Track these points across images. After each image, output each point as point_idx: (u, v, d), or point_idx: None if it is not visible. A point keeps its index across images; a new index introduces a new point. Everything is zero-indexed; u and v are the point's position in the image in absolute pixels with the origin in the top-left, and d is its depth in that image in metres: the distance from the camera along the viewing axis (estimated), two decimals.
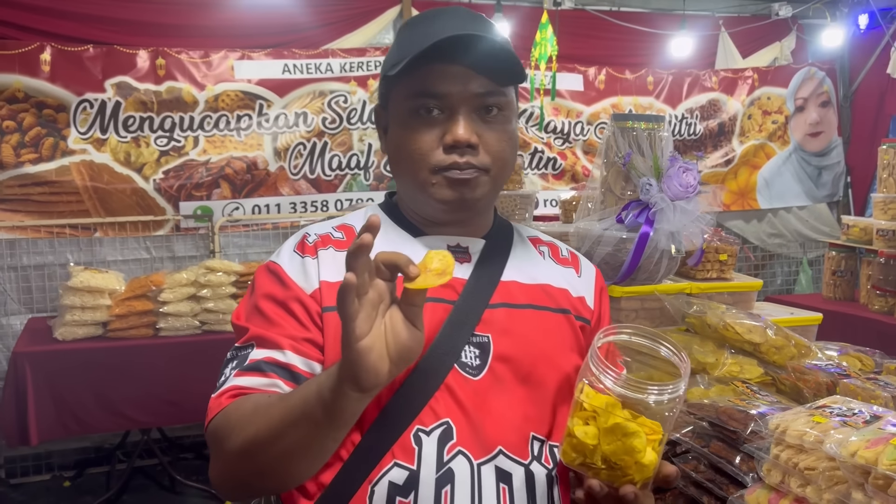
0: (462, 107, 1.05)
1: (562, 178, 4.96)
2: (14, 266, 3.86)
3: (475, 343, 1.07)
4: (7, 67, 3.72)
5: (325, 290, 1.07)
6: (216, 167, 4.14)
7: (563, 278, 1.19)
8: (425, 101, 1.05)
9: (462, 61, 1.04)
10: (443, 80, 1.05)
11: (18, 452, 3.81)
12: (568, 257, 1.24)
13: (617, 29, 4.96)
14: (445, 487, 1.00)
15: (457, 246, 1.13)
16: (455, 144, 1.04)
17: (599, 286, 1.24)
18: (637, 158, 1.97)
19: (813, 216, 5.55)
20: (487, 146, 1.07)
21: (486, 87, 1.06)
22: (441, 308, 1.07)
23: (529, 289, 1.14)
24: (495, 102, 1.07)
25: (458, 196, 1.07)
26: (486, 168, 1.07)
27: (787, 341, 1.88)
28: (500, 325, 1.09)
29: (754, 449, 1.33)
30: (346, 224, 1.17)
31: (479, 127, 1.06)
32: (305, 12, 4.28)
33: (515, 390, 1.07)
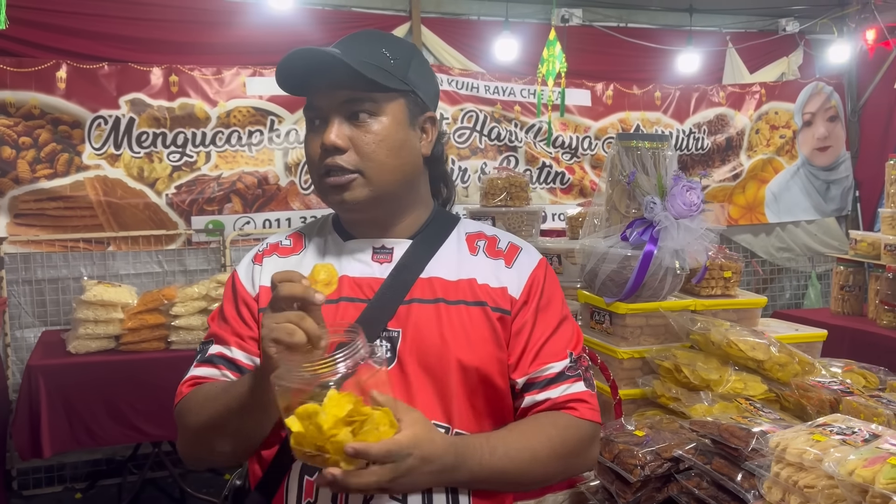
0: (333, 115, 1.17)
1: (570, 193, 4.99)
2: (28, 280, 3.91)
3: (386, 337, 1.17)
4: (24, 84, 3.79)
5: (262, 294, 1.25)
6: (228, 182, 4.19)
7: (490, 271, 1.25)
8: (309, 114, 1.21)
9: (326, 76, 1.16)
10: (315, 93, 1.19)
11: (31, 464, 3.85)
12: (503, 249, 1.29)
13: (624, 45, 5.00)
14: None
15: (381, 248, 1.24)
16: (324, 148, 1.17)
17: (533, 281, 1.26)
18: (641, 177, 2.00)
19: (821, 230, 5.55)
20: (358, 148, 1.17)
21: (351, 95, 1.17)
22: (353, 307, 1.19)
23: (449, 284, 1.22)
24: (362, 108, 1.17)
25: (339, 199, 1.19)
26: (357, 169, 1.17)
27: (790, 358, 1.89)
28: (411, 320, 1.18)
29: (755, 466, 1.35)
30: (299, 232, 1.34)
31: (350, 131, 1.17)
32: (316, 29, 4.34)
33: (420, 382, 1.16)
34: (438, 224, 1.29)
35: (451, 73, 4.61)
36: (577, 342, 1.29)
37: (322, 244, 1.29)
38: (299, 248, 1.30)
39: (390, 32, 1.35)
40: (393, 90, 1.18)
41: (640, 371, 2.08)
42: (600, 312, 2.17)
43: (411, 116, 1.22)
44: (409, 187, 1.25)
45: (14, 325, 3.91)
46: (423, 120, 1.25)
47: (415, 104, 1.23)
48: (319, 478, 0.97)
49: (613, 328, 2.11)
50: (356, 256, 1.24)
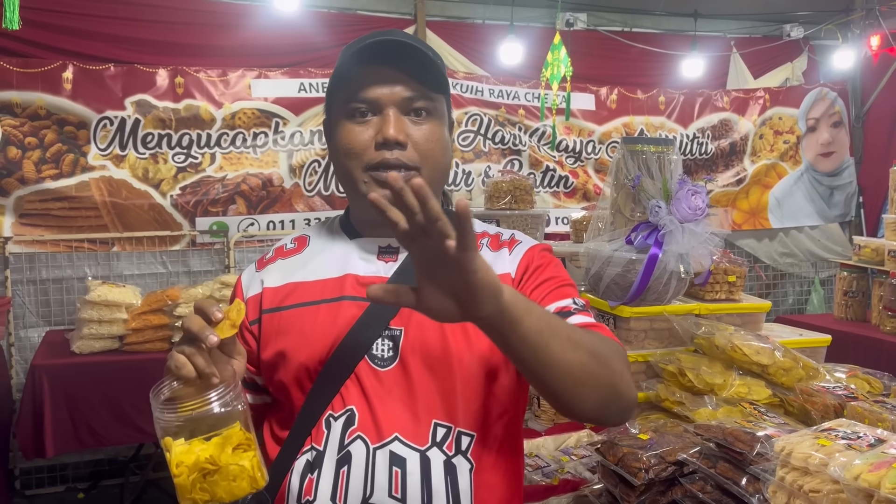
0: (391, 108, 1.14)
1: (573, 197, 4.99)
2: (33, 279, 3.92)
3: (388, 336, 1.15)
4: (30, 85, 3.80)
5: (266, 295, 1.23)
6: (232, 183, 4.20)
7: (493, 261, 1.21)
8: (358, 105, 1.15)
9: (391, 65, 1.13)
10: (373, 83, 1.14)
11: (34, 464, 3.85)
12: (507, 240, 1.27)
13: (629, 49, 5.01)
14: (343, 468, 1.10)
15: (388, 246, 1.22)
16: (385, 142, 1.12)
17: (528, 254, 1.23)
18: (646, 181, 2.00)
19: (825, 236, 5.55)
20: (417, 145, 1.14)
21: (413, 90, 1.14)
22: (357, 305, 1.17)
23: None
24: (423, 106, 1.15)
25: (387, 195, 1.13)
26: (416, 166, 1.14)
27: (795, 363, 1.90)
28: (416, 318, 1.15)
29: (760, 471, 1.35)
30: (304, 235, 1.31)
31: (408, 128, 1.14)
32: (321, 32, 4.35)
33: (422, 380, 1.14)
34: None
35: (456, 77, 4.62)
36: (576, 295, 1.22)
37: (327, 244, 1.27)
38: (303, 247, 1.29)
39: None
40: (441, 92, 1.19)
41: (644, 375, 2.08)
42: (604, 316, 2.17)
43: (448, 118, 1.24)
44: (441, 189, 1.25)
45: (18, 325, 3.91)
46: (451, 122, 1.27)
47: (448, 107, 1.24)
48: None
49: (618, 332, 2.12)
50: (362, 255, 1.22)
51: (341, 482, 1.10)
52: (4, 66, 3.75)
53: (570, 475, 1.87)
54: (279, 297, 1.22)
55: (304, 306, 1.20)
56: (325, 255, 1.25)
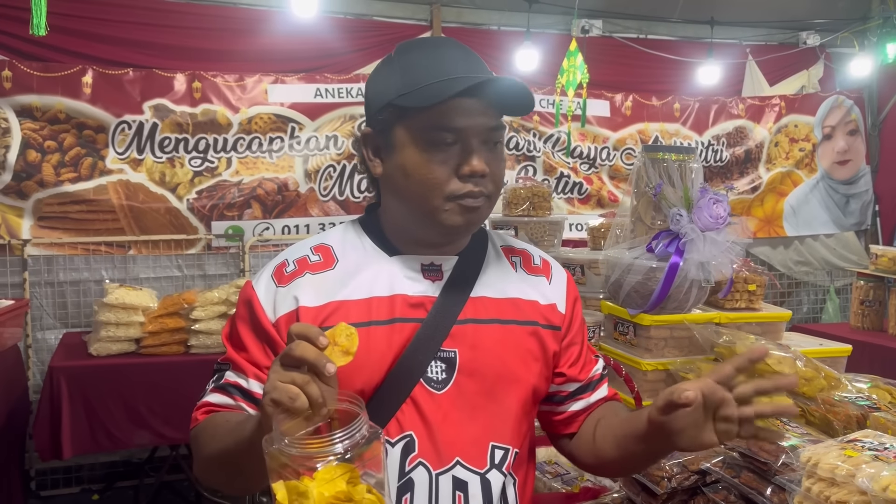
0: (475, 139, 1.12)
1: (587, 203, 4.99)
2: (51, 282, 3.95)
3: (442, 358, 1.14)
4: (50, 89, 3.84)
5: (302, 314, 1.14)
6: (248, 188, 4.22)
7: (534, 289, 1.26)
8: (443, 135, 1.11)
9: (484, 98, 1.11)
10: (462, 114, 1.11)
11: (49, 465, 3.88)
12: (540, 265, 1.30)
13: (644, 56, 5.00)
14: (406, 495, 1.10)
15: (430, 265, 1.19)
16: (472, 174, 1.11)
17: (572, 294, 1.31)
18: (667, 189, 2.00)
19: (840, 244, 5.52)
20: (493, 175, 1.15)
21: (496, 121, 1.14)
22: (409, 327, 1.14)
23: (498, 303, 1.20)
24: (500, 136, 1.16)
25: (467, 222, 1.14)
26: (491, 194, 1.16)
27: (816, 373, 1.89)
28: (468, 340, 1.15)
29: (786, 481, 1.34)
30: (324, 244, 1.22)
31: (487, 157, 1.13)
32: (338, 38, 4.37)
33: (478, 403, 1.15)
34: (476, 239, 1.27)
35: None
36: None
37: (363, 259, 1.19)
38: (331, 261, 1.20)
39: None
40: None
41: (664, 383, 2.07)
42: (624, 324, 2.17)
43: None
44: None
45: (36, 327, 3.94)
46: None
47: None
48: None
49: (638, 340, 2.11)
50: (407, 274, 1.18)
51: None
52: (25, 71, 3.79)
53: (591, 483, 1.87)
54: (322, 317, 1.14)
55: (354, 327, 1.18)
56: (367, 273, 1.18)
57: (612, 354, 2.15)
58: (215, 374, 1.19)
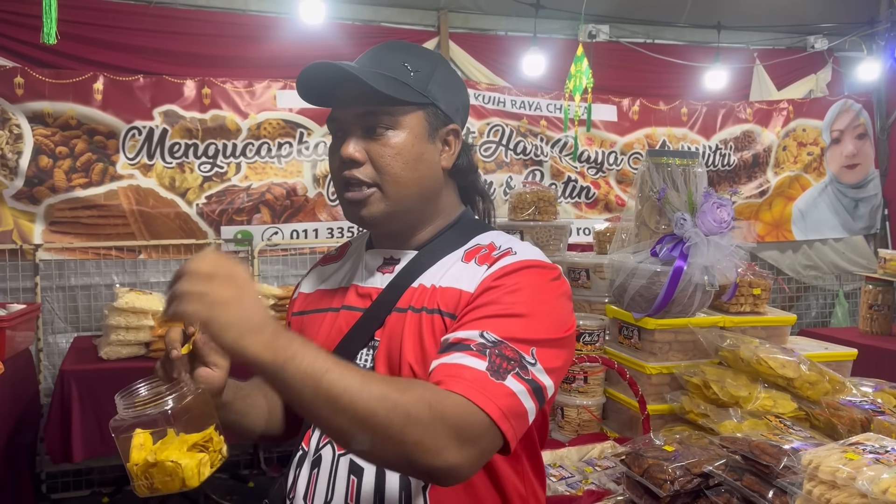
0: (351, 127, 1.18)
1: (595, 207, 5.00)
2: (62, 286, 3.99)
3: (371, 346, 1.20)
4: (62, 96, 3.88)
5: (298, 299, 1.35)
6: (257, 193, 4.25)
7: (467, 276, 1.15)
8: (331, 126, 1.23)
9: (345, 89, 1.18)
10: (337, 105, 1.21)
11: (60, 468, 3.90)
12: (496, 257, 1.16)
13: (651, 61, 5.01)
14: (315, 469, 1.18)
15: (390, 258, 1.26)
16: (341, 161, 1.18)
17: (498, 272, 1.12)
18: (671, 193, 2.01)
19: (849, 248, 5.50)
20: (374, 161, 1.17)
21: (367, 109, 1.17)
22: (352, 315, 1.23)
23: (426, 292, 1.18)
24: (379, 122, 1.17)
25: (357, 215, 1.20)
26: (375, 182, 1.17)
27: (821, 377, 1.89)
28: (388, 329, 1.19)
29: (787, 484, 1.35)
30: (349, 242, 1.40)
31: (367, 144, 1.18)
32: (345, 44, 4.40)
33: None
34: (455, 235, 1.24)
35: (478, 88, 4.65)
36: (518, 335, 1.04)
37: (353, 253, 1.35)
38: (341, 256, 1.37)
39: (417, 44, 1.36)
40: (410, 103, 1.17)
41: (669, 387, 2.08)
42: (629, 328, 2.18)
43: (430, 129, 1.20)
44: (426, 201, 1.23)
45: (47, 331, 3.98)
46: (445, 132, 1.22)
47: (435, 117, 1.21)
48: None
49: (642, 343, 2.12)
50: (368, 266, 1.27)
51: (312, 483, 1.18)
52: (37, 77, 3.84)
53: (595, 486, 1.88)
54: (307, 302, 1.33)
55: (315, 313, 1.30)
56: (346, 266, 1.34)
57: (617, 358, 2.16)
58: None
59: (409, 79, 1.18)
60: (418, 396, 0.94)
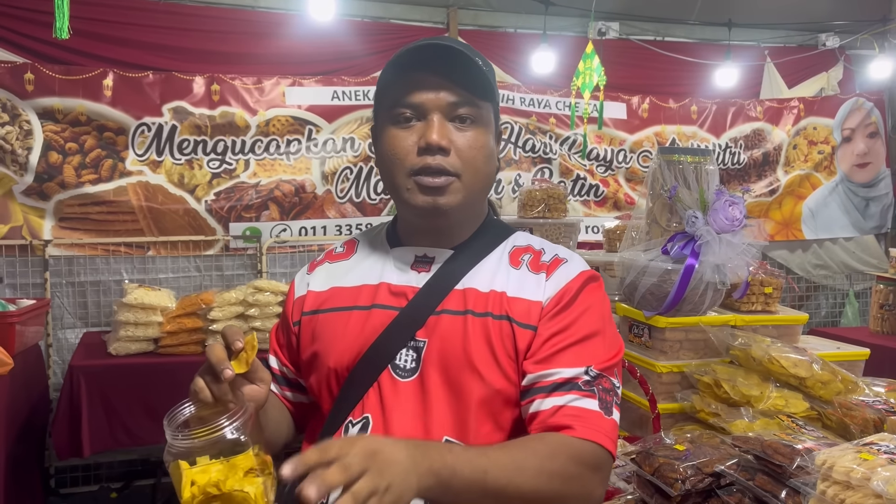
0: (435, 113, 1.13)
1: (604, 206, 4.98)
2: (72, 282, 4.00)
3: (413, 347, 1.15)
4: (72, 92, 3.89)
5: (308, 298, 1.28)
6: (266, 190, 4.25)
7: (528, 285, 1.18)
8: (402, 110, 1.14)
9: (436, 72, 1.12)
10: (418, 88, 1.13)
11: (68, 463, 3.92)
12: (548, 262, 1.21)
13: (661, 58, 4.99)
14: None
15: (423, 256, 1.22)
16: (428, 147, 1.12)
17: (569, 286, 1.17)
18: (683, 191, 2.00)
19: (860, 248, 5.46)
20: (459, 151, 1.14)
21: (458, 96, 1.14)
22: (386, 314, 1.18)
23: (479, 296, 1.17)
24: (468, 113, 1.15)
25: (432, 201, 1.14)
26: (458, 173, 1.14)
27: (833, 376, 1.88)
28: (439, 331, 1.15)
29: (801, 484, 1.34)
30: (354, 239, 1.35)
31: (451, 134, 1.14)
32: (355, 41, 4.40)
33: (440, 395, 1.13)
34: (488, 236, 1.25)
35: None
36: (606, 361, 1.15)
37: (370, 250, 1.29)
38: (350, 253, 1.32)
39: None
40: (488, 100, 1.18)
41: (679, 385, 2.07)
42: (639, 326, 2.17)
43: (495, 127, 1.22)
44: (484, 198, 1.26)
45: (56, 326, 3.99)
46: (498, 132, 1.26)
47: (496, 115, 1.23)
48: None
49: (653, 342, 2.11)
50: (397, 264, 1.23)
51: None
52: (47, 74, 3.85)
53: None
54: (320, 301, 1.27)
55: (337, 311, 1.23)
56: (367, 263, 1.27)
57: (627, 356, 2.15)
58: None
59: (487, 71, 1.18)
60: (565, 457, 1.04)
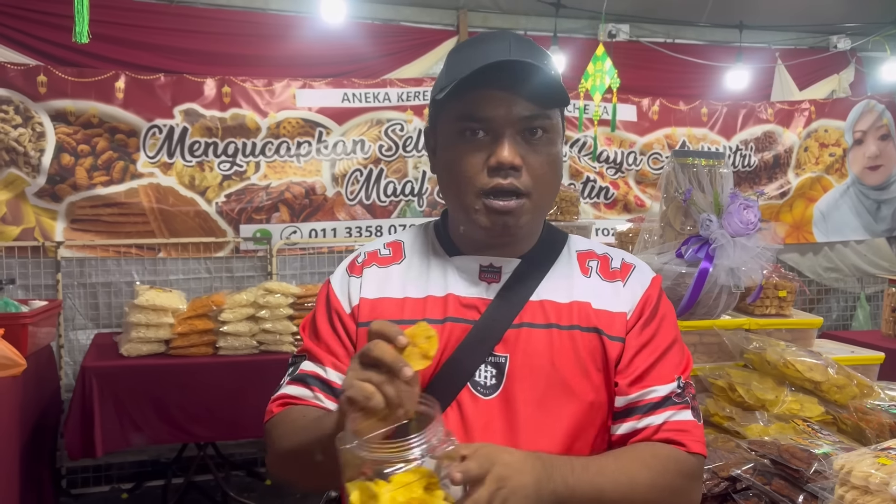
0: (507, 129, 1.07)
1: (614, 208, 4.97)
2: (83, 283, 4.02)
3: (492, 363, 1.09)
4: (84, 94, 3.91)
5: (363, 307, 1.16)
6: (276, 192, 4.26)
7: (607, 295, 1.16)
8: (471, 125, 1.08)
9: (506, 86, 1.06)
10: (488, 103, 1.06)
11: (80, 464, 3.94)
12: (618, 268, 1.19)
13: (671, 61, 4.98)
14: None
15: (489, 266, 1.15)
16: (499, 166, 1.06)
17: (647, 295, 1.17)
18: (697, 194, 1.99)
19: (871, 251, 5.44)
20: (531, 168, 1.08)
21: (530, 110, 1.07)
22: (460, 328, 1.11)
23: (560, 308, 1.13)
24: (540, 125, 1.08)
25: (501, 224, 1.09)
26: (529, 192, 1.08)
27: (848, 380, 1.87)
28: (521, 345, 1.10)
29: (818, 489, 1.33)
30: (397, 240, 1.24)
31: (523, 149, 1.08)
32: (365, 43, 4.41)
33: (526, 412, 1.08)
34: (548, 243, 1.21)
35: None
36: (686, 367, 1.17)
37: (424, 257, 1.20)
38: (399, 257, 1.21)
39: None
40: (559, 106, 1.12)
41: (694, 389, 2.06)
42: None
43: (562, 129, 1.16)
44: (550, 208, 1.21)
45: (68, 327, 4.01)
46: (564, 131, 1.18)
47: (563, 118, 1.16)
48: None
49: None
50: (463, 275, 1.16)
51: None
52: (60, 76, 3.87)
53: None
54: (378, 311, 1.15)
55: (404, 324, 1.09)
56: (425, 271, 1.18)
57: None
58: (290, 367, 1.19)
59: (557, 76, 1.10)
60: (675, 472, 1.08)
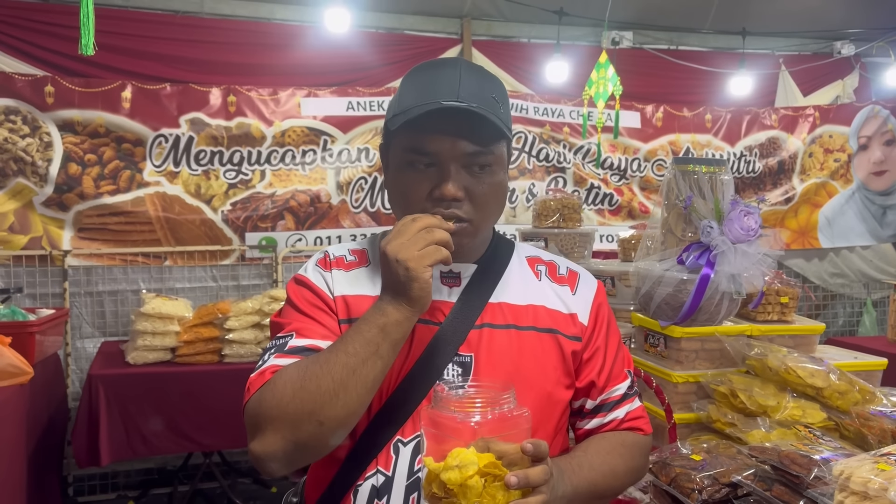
0: (451, 164, 1.14)
1: (618, 214, 4.98)
2: (90, 291, 4.05)
3: (458, 362, 1.17)
4: (91, 104, 3.95)
5: (338, 303, 1.21)
6: (281, 200, 4.29)
7: (557, 298, 1.28)
8: (418, 157, 1.15)
9: (451, 131, 1.13)
10: (433, 140, 1.14)
11: (86, 471, 3.96)
12: (565, 275, 1.32)
13: (675, 67, 4.99)
14: (413, 494, 1.11)
15: (449, 272, 1.23)
16: (442, 198, 1.14)
17: (597, 305, 1.31)
18: (698, 201, 2.00)
19: (877, 256, 5.42)
20: (473, 198, 1.16)
21: (473, 147, 1.14)
22: (428, 329, 1.17)
23: (517, 309, 1.23)
24: (482, 161, 1.16)
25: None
26: (471, 218, 1.17)
27: (850, 386, 1.87)
28: (484, 345, 1.18)
29: (818, 494, 1.34)
30: (361, 248, 1.30)
31: (466, 181, 1.15)
32: (369, 52, 4.44)
33: None
34: (499, 248, 1.31)
35: None
36: (629, 359, 1.37)
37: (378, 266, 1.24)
38: (365, 262, 1.27)
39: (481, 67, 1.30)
40: (504, 139, 1.19)
41: (695, 395, 2.07)
42: (655, 336, 2.17)
43: (508, 158, 1.23)
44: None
45: (75, 335, 4.04)
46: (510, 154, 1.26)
47: (509, 145, 1.24)
48: None
49: (668, 352, 2.11)
50: None
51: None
52: (67, 86, 3.91)
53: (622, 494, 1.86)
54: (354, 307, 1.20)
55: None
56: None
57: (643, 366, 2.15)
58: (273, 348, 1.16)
59: (500, 113, 1.16)
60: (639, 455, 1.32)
